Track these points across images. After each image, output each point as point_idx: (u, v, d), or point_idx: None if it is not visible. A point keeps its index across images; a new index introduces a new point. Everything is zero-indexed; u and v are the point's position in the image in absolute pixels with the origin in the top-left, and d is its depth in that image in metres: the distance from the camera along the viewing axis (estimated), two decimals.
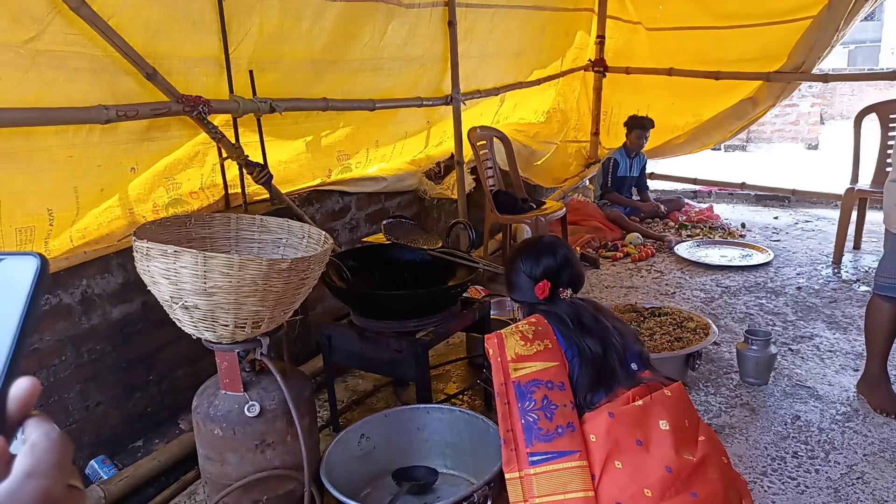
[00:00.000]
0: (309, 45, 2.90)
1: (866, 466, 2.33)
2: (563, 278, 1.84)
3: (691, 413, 1.63)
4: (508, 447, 1.53)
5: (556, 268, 1.84)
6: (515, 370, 1.55)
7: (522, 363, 1.56)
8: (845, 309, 3.75)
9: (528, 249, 1.91)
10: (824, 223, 5.57)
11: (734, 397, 2.82)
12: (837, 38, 4.80)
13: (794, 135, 10.57)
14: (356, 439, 2.27)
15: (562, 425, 1.50)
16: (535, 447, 1.49)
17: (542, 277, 1.82)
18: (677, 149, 6.03)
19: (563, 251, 1.88)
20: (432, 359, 3.17)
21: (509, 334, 1.61)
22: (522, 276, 1.86)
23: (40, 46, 1.96)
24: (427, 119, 4.08)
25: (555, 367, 1.57)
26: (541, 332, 1.64)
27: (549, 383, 1.53)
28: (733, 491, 1.52)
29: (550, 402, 1.51)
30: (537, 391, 1.52)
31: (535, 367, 1.55)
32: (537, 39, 4.98)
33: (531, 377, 1.54)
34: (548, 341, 1.62)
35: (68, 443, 0.45)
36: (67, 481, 0.43)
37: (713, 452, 1.53)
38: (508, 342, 1.59)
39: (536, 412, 1.51)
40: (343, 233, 3.56)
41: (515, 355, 1.56)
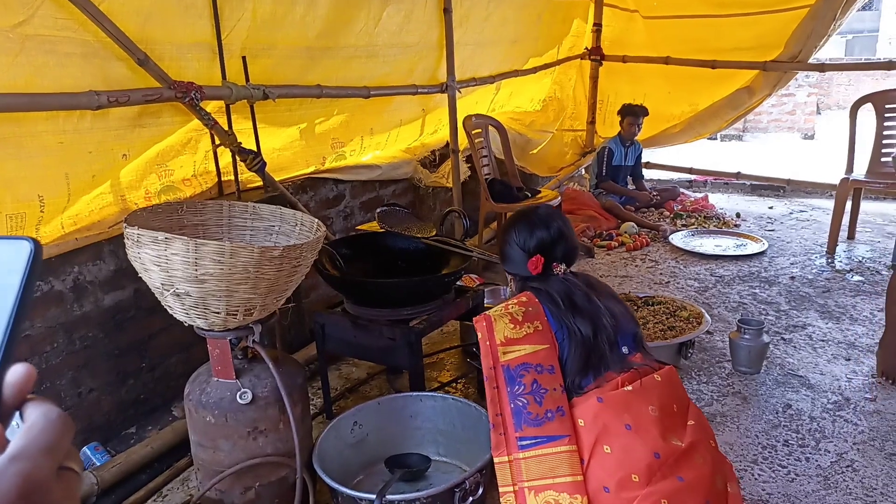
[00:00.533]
0: (303, 31, 2.88)
1: (856, 455, 2.34)
2: (556, 253, 1.78)
3: (681, 397, 1.63)
4: (497, 431, 1.52)
5: (550, 241, 1.78)
6: (504, 353, 1.53)
7: (512, 346, 1.53)
8: (838, 299, 3.76)
9: (522, 220, 1.83)
10: (819, 213, 5.58)
11: (726, 386, 2.83)
12: (834, 27, 4.78)
13: (791, 124, 10.56)
14: (349, 427, 2.28)
15: (551, 409, 1.49)
16: (525, 431, 1.48)
17: (535, 251, 1.77)
18: (673, 138, 6.02)
19: (557, 224, 1.81)
20: (426, 347, 3.17)
21: (498, 317, 1.57)
22: (515, 247, 1.80)
23: (30, 31, 1.94)
24: (422, 107, 4.06)
25: (545, 350, 1.55)
26: (531, 312, 1.61)
27: (538, 367, 1.52)
28: (719, 475, 1.52)
29: (540, 385, 1.50)
30: (527, 375, 1.51)
31: (525, 350, 1.53)
32: (533, 27, 4.96)
33: (520, 360, 1.52)
34: (538, 323, 1.59)
35: (68, 424, 0.44)
36: (62, 463, 0.43)
37: (702, 437, 1.53)
38: (497, 325, 1.56)
39: (526, 396, 1.49)
40: (337, 221, 3.55)
41: (504, 338, 1.54)
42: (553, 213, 1.84)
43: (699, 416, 1.60)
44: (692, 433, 1.52)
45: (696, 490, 1.43)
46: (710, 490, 1.46)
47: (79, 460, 0.46)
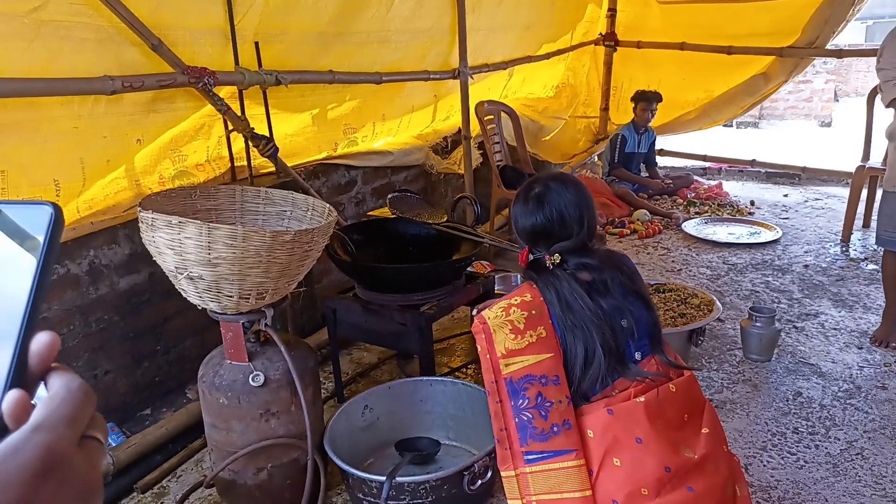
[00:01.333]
0: (315, 16, 2.88)
1: (866, 443, 2.34)
2: (555, 239, 1.55)
3: (697, 404, 1.53)
4: (503, 446, 1.45)
5: (544, 229, 1.56)
6: (506, 366, 1.43)
7: (514, 357, 1.43)
8: (852, 287, 3.74)
9: (519, 198, 1.61)
10: (834, 201, 5.52)
11: (737, 373, 2.83)
12: (853, 12, 4.71)
13: (808, 112, 10.43)
14: (360, 410, 2.30)
15: (557, 423, 1.41)
16: (530, 446, 1.42)
17: (528, 239, 1.58)
18: (688, 125, 5.97)
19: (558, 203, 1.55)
20: (437, 332, 3.19)
21: (498, 327, 1.45)
22: (517, 228, 1.62)
23: (45, 16, 1.95)
24: (434, 93, 4.06)
25: (549, 360, 1.44)
26: (534, 317, 1.46)
27: (542, 378, 1.42)
28: (730, 481, 1.47)
29: (545, 399, 1.41)
30: (531, 388, 1.42)
31: (528, 360, 1.44)
32: (547, 12, 4.92)
33: (524, 373, 1.43)
34: (542, 329, 1.46)
35: (89, 394, 0.44)
36: (85, 433, 0.43)
37: (715, 446, 1.46)
38: (497, 336, 1.44)
39: (530, 411, 1.41)
40: (349, 206, 3.56)
41: (506, 350, 1.43)
42: (552, 190, 1.57)
43: (713, 423, 1.51)
44: (706, 443, 1.44)
45: (707, 499, 1.38)
46: (721, 499, 1.42)
47: (103, 429, 0.46)
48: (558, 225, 1.55)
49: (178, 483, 2.29)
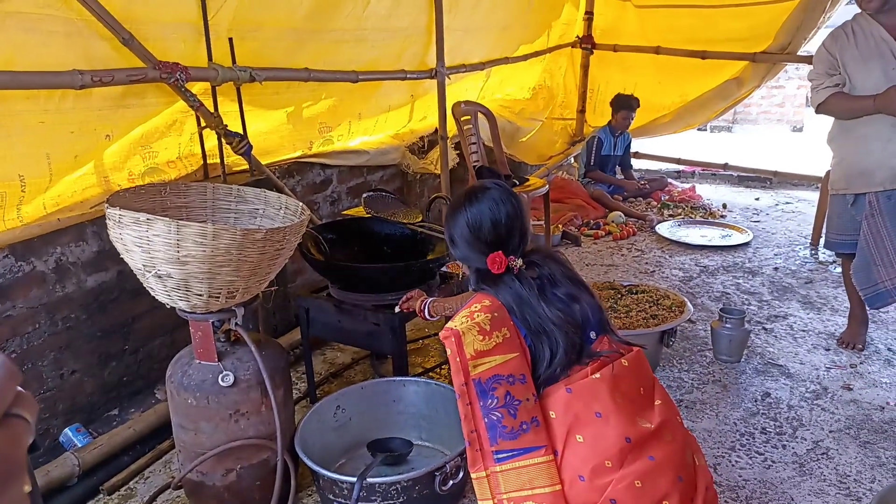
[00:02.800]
0: (290, 13, 2.85)
1: (832, 443, 2.38)
2: (513, 243, 1.59)
3: (648, 378, 1.60)
4: (473, 448, 1.47)
5: (507, 231, 1.59)
6: (475, 367, 1.45)
7: (482, 359, 1.46)
8: (820, 290, 3.80)
9: (477, 203, 1.61)
10: (804, 205, 5.62)
11: (707, 374, 2.86)
12: (824, 19, 4.79)
13: (780, 117, 10.58)
14: (332, 411, 2.29)
15: (526, 421, 1.45)
16: (500, 445, 1.44)
17: (493, 245, 1.58)
18: (663, 128, 6.03)
19: (511, 206, 1.60)
20: (411, 333, 3.19)
21: (466, 330, 1.47)
22: (469, 236, 1.61)
23: (10, 8, 1.91)
24: (411, 93, 4.05)
25: (515, 359, 1.48)
26: (497, 319, 1.50)
27: (510, 378, 1.46)
28: (688, 450, 1.55)
29: (513, 397, 1.45)
30: (499, 388, 1.45)
31: (495, 360, 1.47)
32: (524, 14, 4.93)
33: (491, 373, 1.46)
34: (505, 330, 1.50)
35: (11, 371, 0.42)
36: (8, 411, 0.41)
37: (669, 416, 1.54)
38: (466, 338, 1.46)
39: (499, 410, 1.44)
40: (324, 206, 3.54)
41: (475, 352, 1.46)
42: (506, 194, 1.63)
43: (664, 395, 1.60)
44: (660, 413, 1.52)
45: (668, 467, 1.45)
46: (681, 465, 1.48)
47: (31, 406, 0.44)
48: (515, 227, 1.60)
49: (145, 485, 2.26)
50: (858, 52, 2.71)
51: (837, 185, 2.91)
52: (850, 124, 2.80)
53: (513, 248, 1.58)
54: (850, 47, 2.73)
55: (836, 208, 2.95)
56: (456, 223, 1.63)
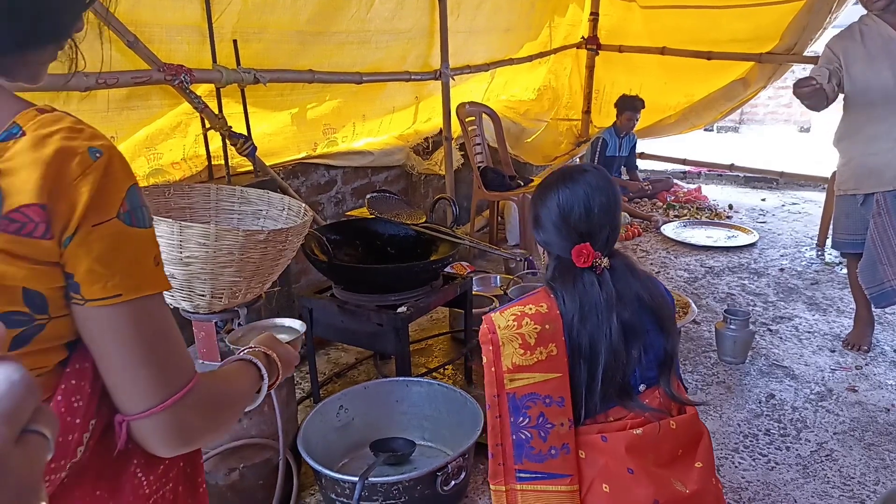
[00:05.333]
0: (294, 15, 2.87)
1: (836, 445, 2.37)
2: (601, 237, 1.41)
3: (695, 437, 1.45)
4: (496, 461, 1.39)
5: (599, 224, 1.40)
6: (511, 381, 1.35)
7: (520, 374, 1.35)
8: (826, 291, 3.79)
9: (573, 185, 1.42)
10: (811, 206, 5.60)
11: (711, 375, 2.85)
12: (829, 20, 4.77)
13: (787, 117, 10.54)
14: (335, 410, 2.30)
15: (556, 446, 1.35)
16: (525, 465, 1.36)
17: (580, 235, 1.39)
18: (668, 129, 6.01)
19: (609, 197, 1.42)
20: (414, 333, 3.19)
21: (508, 340, 1.35)
22: (557, 219, 1.42)
23: None
24: (415, 94, 4.05)
25: (556, 380, 1.35)
26: (546, 332, 1.35)
27: (547, 399, 1.35)
28: None
29: (547, 419, 1.35)
30: (533, 407, 1.35)
31: (535, 378, 1.35)
32: (527, 15, 4.93)
33: (528, 390, 1.35)
34: (553, 346, 1.36)
35: (31, 387, 0.41)
36: (26, 427, 0.40)
37: (707, 482, 1.40)
38: (506, 350, 1.35)
39: (530, 430, 1.35)
40: (328, 206, 3.55)
41: (513, 365, 1.35)
42: (605, 181, 1.44)
43: (708, 456, 1.44)
44: (698, 478, 1.39)
45: None
46: None
47: (51, 423, 0.44)
48: (608, 222, 1.42)
49: None
50: (866, 51, 2.70)
51: (846, 186, 2.90)
52: (859, 125, 2.80)
53: (600, 244, 1.40)
54: (858, 47, 2.72)
55: (844, 208, 2.94)
56: (545, 202, 1.45)
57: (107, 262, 0.68)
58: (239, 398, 0.90)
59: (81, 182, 0.65)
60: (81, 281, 0.68)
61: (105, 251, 0.68)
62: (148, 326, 0.72)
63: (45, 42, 0.71)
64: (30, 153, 0.62)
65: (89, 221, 0.66)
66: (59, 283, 0.68)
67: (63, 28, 0.71)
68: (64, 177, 0.64)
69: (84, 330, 0.70)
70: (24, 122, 0.64)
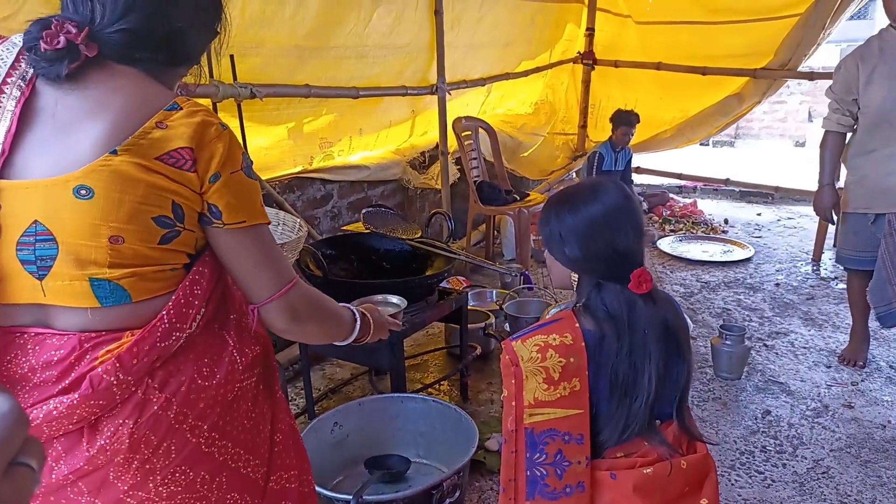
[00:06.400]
0: (292, 30, 2.88)
1: (832, 462, 2.36)
2: (638, 259, 1.29)
3: (703, 475, 1.40)
4: (507, 496, 1.36)
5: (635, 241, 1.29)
6: (531, 416, 1.30)
7: (541, 409, 1.30)
8: (822, 306, 3.79)
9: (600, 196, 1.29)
10: (806, 220, 5.61)
11: (707, 391, 2.85)
12: (823, 36, 4.82)
13: (782, 132, 10.63)
14: (329, 427, 2.28)
15: (571, 485, 1.31)
16: (537, 502, 1.33)
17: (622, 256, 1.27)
18: (664, 143, 6.05)
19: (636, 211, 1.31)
20: (410, 348, 3.19)
21: (531, 373, 1.29)
22: (593, 238, 1.28)
23: (14, 27, 1.93)
24: (412, 108, 4.07)
25: (577, 416, 1.30)
26: (571, 367, 1.28)
27: (566, 436, 1.30)
28: None
29: (564, 457, 1.30)
30: (551, 443, 1.30)
31: (556, 413, 1.30)
32: (526, 30, 4.97)
33: (548, 426, 1.30)
34: (576, 381, 1.29)
35: (20, 419, 0.42)
36: (14, 459, 0.41)
37: None
38: (529, 384, 1.29)
39: (546, 467, 1.31)
40: (325, 221, 3.55)
41: (534, 400, 1.29)
42: (629, 193, 1.34)
43: (713, 493, 1.40)
44: None
45: None
46: None
47: (38, 454, 0.44)
48: (636, 235, 1.29)
49: None
50: (887, 68, 2.66)
51: (857, 204, 2.85)
52: (873, 145, 2.76)
53: (639, 261, 1.28)
54: (878, 64, 2.68)
55: (852, 226, 2.90)
56: (575, 218, 1.30)
57: (238, 199, 0.99)
58: (335, 314, 1.26)
59: (217, 142, 0.96)
60: (224, 210, 0.98)
61: (237, 191, 0.99)
62: (262, 243, 1.04)
63: (188, 64, 1.09)
64: (185, 119, 0.95)
65: (227, 170, 0.97)
66: (198, 208, 0.98)
67: (197, 56, 1.10)
68: (205, 136, 0.95)
69: (223, 245, 1.02)
70: (180, 102, 0.96)
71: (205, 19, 1.09)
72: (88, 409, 0.93)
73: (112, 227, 0.91)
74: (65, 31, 0.92)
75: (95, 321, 0.95)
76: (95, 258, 0.92)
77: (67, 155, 0.91)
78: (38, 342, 0.95)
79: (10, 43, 0.99)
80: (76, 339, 0.94)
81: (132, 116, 0.93)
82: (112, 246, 0.92)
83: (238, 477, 1.08)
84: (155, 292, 0.97)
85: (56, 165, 0.91)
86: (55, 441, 0.95)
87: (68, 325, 0.95)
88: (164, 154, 0.93)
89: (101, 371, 0.92)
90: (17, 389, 0.95)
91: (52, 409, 0.92)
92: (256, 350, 1.10)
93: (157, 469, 0.98)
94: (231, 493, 1.07)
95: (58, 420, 0.92)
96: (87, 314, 0.94)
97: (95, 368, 0.93)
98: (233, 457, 1.06)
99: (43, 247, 0.91)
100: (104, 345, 0.95)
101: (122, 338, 0.95)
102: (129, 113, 0.93)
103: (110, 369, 0.92)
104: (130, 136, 0.92)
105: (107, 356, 0.94)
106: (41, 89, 0.95)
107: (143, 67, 0.99)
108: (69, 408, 0.92)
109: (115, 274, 0.93)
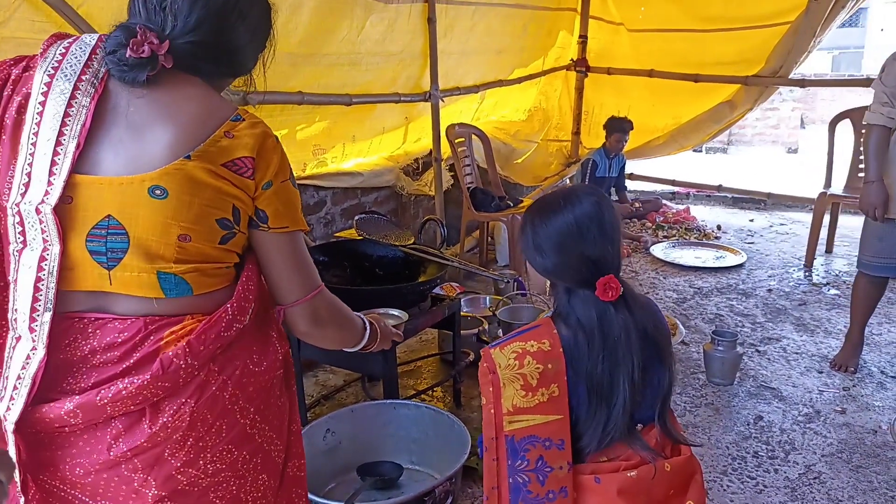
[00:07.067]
0: (285, 37, 2.85)
1: (824, 467, 2.37)
2: (615, 264, 1.33)
3: (688, 478, 1.41)
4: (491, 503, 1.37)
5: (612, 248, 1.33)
6: (510, 423, 1.31)
7: (519, 416, 1.31)
8: (814, 312, 3.81)
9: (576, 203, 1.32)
10: (798, 226, 5.64)
11: (699, 397, 2.85)
12: (814, 43, 4.85)
13: (775, 138, 10.68)
14: (321, 434, 2.28)
15: (553, 490, 1.32)
16: None
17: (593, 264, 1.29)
18: (656, 150, 6.08)
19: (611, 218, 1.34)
20: (403, 355, 3.18)
21: (508, 381, 1.30)
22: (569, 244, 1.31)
23: (6, 33, 1.94)
24: (405, 115, 4.08)
25: (557, 422, 1.31)
26: (549, 373, 1.30)
27: (546, 441, 1.31)
28: None
29: (546, 463, 1.31)
30: (532, 450, 1.31)
31: (535, 420, 1.31)
32: (519, 38, 4.99)
33: (528, 432, 1.31)
34: (555, 387, 1.30)
35: None
36: None
37: None
38: (506, 391, 1.30)
39: (528, 473, 1.31)
40: (318, 227, 3.55)
41: (513, 407, 1.30)
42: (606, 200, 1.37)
43: (700, 494, 1.40)
44: None
45: None
46: None
47: (6, 468, 0.46)
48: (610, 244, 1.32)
49: None
50: None
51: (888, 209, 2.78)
52: None
53: (614, 268, 1.32)
54: None
55: (877, 232, 2.83)
56: (547, 225, 1.33)
57: (285, 206, 1.10)
58: (350, 321, 1.34)
59: (273, 153, 1.07)
60: (271, 215, 1.08)
61: (285, 199, 1.10)
62: (297, 249, 1.14)
63: (242, 75, 1.19)
64: (249, 130, 1.04)
65: (278, 178, 1.08)
66: (251, 212, 1.07)
67: (250, 68, 1.20)
68: (265, 146, 1.06)
69: (263, 247, 1.11)
70: (243, 114, 1.06)
71: (262, 35, 1.18)
72: (155, 390, 0.99)
73: (182, 226, 0.99)
74: (149, 41, 0.99)
75: (159, 308, 1.03)
76: (164, 253, 1.00)
77: (142, 155, 0.99)
78: (99, 326, 1.02)
79: (81, 42, 1.04)
80: (141, 322, 1.02)
81: (202, 124, 1.02)
82: (180, 244, 1.00)
83: (269, 460, 1.15)
84: (212, 287, 1.06)
85: (131, 164, 0.99)
86: (115, 420, 1.00)
87: (131, 311, 1.02)
88: (230, 161, 1.02)
89: (172, 354, 1.00)
90: (75, 371, 1.01)
91: (122, 388, 0.97)
92: (286, 345, 1.20)
93: (208, 447, 1.05)
94: (262, 473, 1.14)
95: (124, 400, 0.98)
96: (152, 303, 1.02)
97: (163, 350, 1.01)
98: (267, 440, 1.15)
99: (114, 240, 0.99)
100: (167, 327, 1.03)
101: (183, 321, 1.04)
102: (199, 121, 1.02)
103: (181, 353, 1.00)
104: (202, 143, 1.00)
105: (171, 336, 1.02)
106: (113, 89, 1.02)
107: (205, 76, 1.08)
108: (139, 388, 0.98)
109: (180, 269, 1.02)
